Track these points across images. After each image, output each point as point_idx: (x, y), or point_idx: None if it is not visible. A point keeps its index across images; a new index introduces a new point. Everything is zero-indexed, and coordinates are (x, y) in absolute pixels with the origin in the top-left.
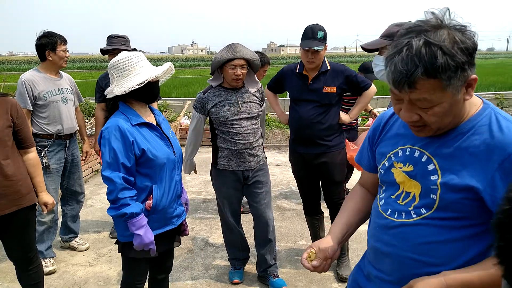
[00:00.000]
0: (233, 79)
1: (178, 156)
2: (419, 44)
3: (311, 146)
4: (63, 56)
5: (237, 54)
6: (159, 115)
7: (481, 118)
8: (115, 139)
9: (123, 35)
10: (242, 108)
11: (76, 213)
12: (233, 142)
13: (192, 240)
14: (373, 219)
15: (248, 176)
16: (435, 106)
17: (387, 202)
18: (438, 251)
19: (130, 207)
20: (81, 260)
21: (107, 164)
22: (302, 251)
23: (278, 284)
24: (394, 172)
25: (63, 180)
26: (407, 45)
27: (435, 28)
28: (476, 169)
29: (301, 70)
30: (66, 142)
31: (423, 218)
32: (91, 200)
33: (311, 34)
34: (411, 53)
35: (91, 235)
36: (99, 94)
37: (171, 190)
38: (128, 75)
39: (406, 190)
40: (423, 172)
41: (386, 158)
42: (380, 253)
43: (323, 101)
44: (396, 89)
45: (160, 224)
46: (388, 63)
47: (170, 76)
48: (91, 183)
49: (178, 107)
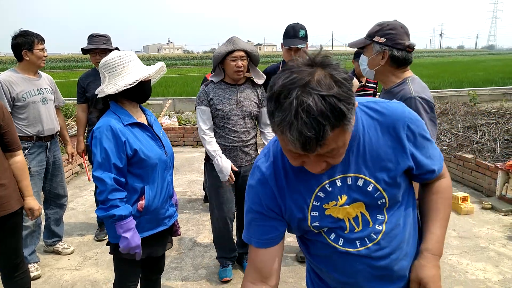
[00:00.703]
0: (235, 71)
1: (169, 156)
2: (316, 102)
3: None
4: (41, 55)
5: (236, 46)
6: (150, 116)
7: (357, 123)
8: (106, 139)
9: (104, 34)
10: (240, 104)
11: (59, 217)
12: (227, 138)
13: (180, 240)
14: (337, 264)
15: (240, 172)
16: (341, 148)
17: (347, 239)
18: (408, 238)
19: (119, 209)
20: (66, 264)
21: (98, 164)
22: (291, 247)
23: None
24: (331, 213)
25: (45, 183)
26: (302, 106)
27: (310, 74)
28: (396, 154)
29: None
30: (47, 144)
31: (387, 223)
32: (73, 203)
33: (293, 33)
34: (313, 114)
35: (76, 238)
36: (81, 94)
37: (163, 191)
38: (120, 74)
39: (352, 217)
40: (359, 190)
41: (309, 209)
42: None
43: None
44: (306, 152)
45: (152, 225)
46: (286, 130)
47: (162, 75)
48: (72, 186)
49: (158, 107)
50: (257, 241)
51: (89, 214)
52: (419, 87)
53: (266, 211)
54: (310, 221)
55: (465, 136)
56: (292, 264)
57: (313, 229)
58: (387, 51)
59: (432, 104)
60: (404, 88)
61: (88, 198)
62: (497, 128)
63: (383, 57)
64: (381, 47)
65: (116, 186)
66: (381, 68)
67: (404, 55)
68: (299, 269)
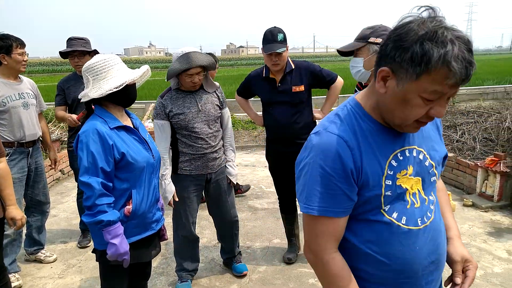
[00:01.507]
0: (191, 86)
1: (156, 160)
2: (465, 37)
3: (290, 146)
4: (20, 60)
5: (192, 64)
6: (135, 119)
7: None
8: (93, 142)
9: (83, 37)
10: (201, 110)
11: (42, 224)
12: (195, 146)
13: (166, 246)
14: (396, 247)
15: (211, 178)
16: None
17: (409, 216)
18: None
19: (107, 215)
20: (49, 273)
21: (85, 169)
22: (277, 249)
23: (239, 269)
24: (401, 183)
25: (26, 190)
26: (460, 38)
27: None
28: (438, 139)
29: (267, 74)
30: (28, 150)
31: (436, 203)
32: (54, 210)
33: (271, 37)
34: (466, 44)
35: (58, 246)
36: (60, 97)
37: (150, 195)
38: (105, 78)
39: (413, 192)
40: (420, 164)
41: (384, 177)
42: (432, 263)
43: (294, 101)
44: (465, 79)
45: (140, 229)
46: (451, 61)
47: (147, 79)
48: (54, 192)
49: (140, 111)
50: (334, 211)
51: (72, 221)
52: None
53: (340, 174)
54: (384, 189)
55: (445, 135)
56: (279, 265)
57: (383, 202)
58: None
59: None
60: None
61: (70, 205)
62: (476, 127)
63: None
64: (378, 46)
65: (104, 191)
66: None
67: None
68: (286, 270)
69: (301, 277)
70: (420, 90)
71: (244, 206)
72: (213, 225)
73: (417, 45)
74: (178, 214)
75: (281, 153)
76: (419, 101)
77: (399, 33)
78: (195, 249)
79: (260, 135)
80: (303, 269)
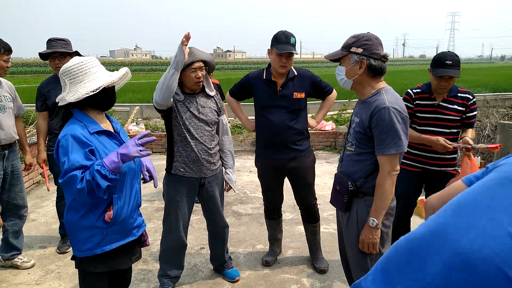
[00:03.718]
0: (195, 82)
1: (137, 164)
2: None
3: (283, 152)
4: (3, 66)
5: (196, 57)
6: (116, 123)
7: None
8: (74, 146)
9: (63, 38)
10: (200, 112)
11: (19, 229)
12: (190, 148)
13: (147, 251)
14: None
15: (204, 183)
16: None
17: None
18: None
19: (98, 177)
20: (26, 279)
21: (65, 171)
22: (261, 255)
23: (231, 275)
24: None
25: (2, 193)
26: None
27: None
28: None
29: (269, 77)
30: (4, 153)
31: None
32: (34, 214)
33: (285, 38)
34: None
35: (36, 251)
36: (41, 102)
37: (131, 200)
38: (82, 81)
39: None
40: None
41: None
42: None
43: (294, 107)
44: None
45: (121, 236)
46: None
47: (127, 81)
48: (33, 196)
49: (125, 114)
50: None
51: (51, 226)
52: (392, 98)
53: None
54: None
55: None
56: (262, 271)
57: None
58: (365, 61)
59: (404, 115)
60: (378, 98)
61: (50, 209)
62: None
63: (361, 67)
64: (358, 57)
65: (85, 166)
66: (359, 78)
67: (380, 65)
68: (269, 276)
69: (284, 283)
70: None
71: (228, 211)
72: (196, 231)
73: None
74: (169, 218)
75: (272, 159)
76: None
77: None
78: (181, 255)
79: (245, 139)
80: (286, 275)
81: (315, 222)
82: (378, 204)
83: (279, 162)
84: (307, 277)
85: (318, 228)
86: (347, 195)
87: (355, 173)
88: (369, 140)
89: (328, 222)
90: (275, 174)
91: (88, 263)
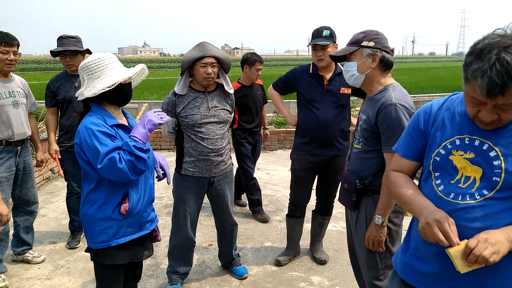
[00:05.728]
0: (204, 78)
1: (152, 159)
2: (510, 59)
3: (325, 148)
4: (2, 58)
5: (206, 52)
6: (131, 119)
7: None
8: (98, 134)
9: (74, 35)
10: (211, 112)
11: (29, 224)
12: (200, 146)
13: (155, 247)
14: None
15: (214, 182)
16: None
17: (447, 187)
18: (502, 225)
19: (136, 151)
20: (36, 274)
21: (96, 158)
22: (269, 252)
23: (240, 272)
24: (453, 159)
25: (14, 189)
26: (500, 60)
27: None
28: None
29: (315, 71)
30: (17, 149)
31: (487, 199)
32: (44, 210)
33: (317, 33)
34: (506, 67)
35: (47, 246)
36: (50, 98)
37: (146, 194)
38: (99, 77)
39: (466, 175)
40: (486, 158)
41: (441, 146)
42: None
43: (341, 102)
44: (489, 97)
45: (135, 229)
46: (478, 76)
47: (144, 77)
48: (43, 191)
49: (133, 110)
50: (402, 152)
51: (61, 221)
52: (399, 94)
53: (418, 131)
54: (435, 155)
55: None
56: (270, 268)
57: (431, 165)
58: (378, 54)
59: (411, 111)
60: (385, 95)
61: (60, 205)
62: None
63: (374, 60)
64: (372, 50)
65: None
66: (371, 72)
67: (391, 58)
68: (277, 273)
69: (292, 281)
70: (466, 93)
71: (236, 208)
72: (204, 228)
73: (469, 56)
74: (177, 216)
75: (311, 154)
76: (468, 101)
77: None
78: (189, 252)
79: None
80: (294, 273)
81: (327, 215)
82: (383, 202)
83: (319, 158)
84: (316, 275)
85: (327, 222)
86: (355, 194)
87: (363, 171)
88: (376, 137)
89: (337, 220)
90: (311, 170)
91: (103, 255)
